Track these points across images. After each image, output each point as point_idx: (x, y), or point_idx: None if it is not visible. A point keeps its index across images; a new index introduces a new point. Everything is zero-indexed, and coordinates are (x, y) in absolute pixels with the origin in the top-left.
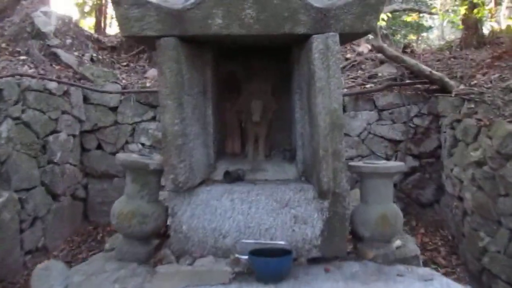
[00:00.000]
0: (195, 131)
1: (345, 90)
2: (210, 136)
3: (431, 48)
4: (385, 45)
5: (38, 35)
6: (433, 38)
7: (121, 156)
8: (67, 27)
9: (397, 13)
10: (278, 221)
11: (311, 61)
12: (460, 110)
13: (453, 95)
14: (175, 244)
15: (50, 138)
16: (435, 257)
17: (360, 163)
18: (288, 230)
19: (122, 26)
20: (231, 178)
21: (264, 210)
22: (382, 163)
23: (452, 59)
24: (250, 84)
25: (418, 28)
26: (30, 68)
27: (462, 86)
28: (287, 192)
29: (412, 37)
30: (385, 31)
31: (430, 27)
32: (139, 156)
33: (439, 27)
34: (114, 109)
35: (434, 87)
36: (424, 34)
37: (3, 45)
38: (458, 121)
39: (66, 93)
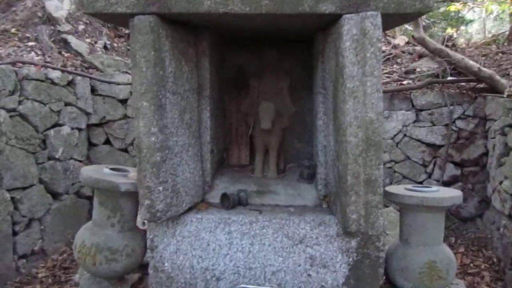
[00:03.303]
0: (182, 142)
1: None
2: (205, 146)
3: (476, 42)
4: (427, 37)
5: (49, 20)
6: (473, 31)
7: (86, 172)
8: (81, 12)
9: (436, 3)
10: (289, 263)
11: (340, 52)
12: None
13: (505, 96)
14: (155, 286)
15: (51, 132)
16: (477, 283)
17: (400, 189)
18: (302, 275)
19: (83, 0)
20: (230, 203)
21: (271, 247)
22: (432, 191)
23: (500, 54)
24: (260, 81)
25: (458, 20)
26: (37, 55)
27: None
28: (303, 225)
29: (451, 30)
30: (426, 21)
31: (471, 20)
32: (111, 172)
33: (481, 20)
34: (124, 102)
35: (482, 85)
36: (463, 27)
37: (13, 30)
38: (511, 126)
39: (71, 83)
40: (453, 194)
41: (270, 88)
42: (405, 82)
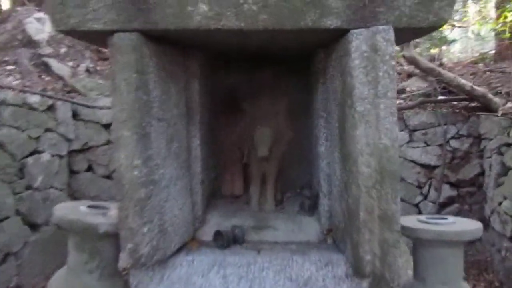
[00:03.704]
0: (170, 174)
1: None
2: (196, 178)
3: (461, 62)
4: (418, 56)
5: (29, 43)
6: (455, 51)
7: (59, 212)
8: (63, 35)
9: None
10: None
11: (348, 71)
12: (509, 132)
13: (499, 114)
14: None
15: (29, 160)
16: None
17: (413, 221)
18: None
19: (55, 16)
20: (225, 241)
21: None
22: (449, 224)
23: (488, 73)
24: (254, 104)
25: (441, 40)
26: (16, 79)
27: (510, 104)
28: (307, 266)
29: (433, 50)
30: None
31: (454, 40)
32: (88, 210)
33: (463, 39)
34: (107, 126)
35: (474, 104)
36: (445, 47)
37: None
38: (508, 145)
39: (51, 108)
40: (473, 226)
41: (266, 111)
42: (396, 102)
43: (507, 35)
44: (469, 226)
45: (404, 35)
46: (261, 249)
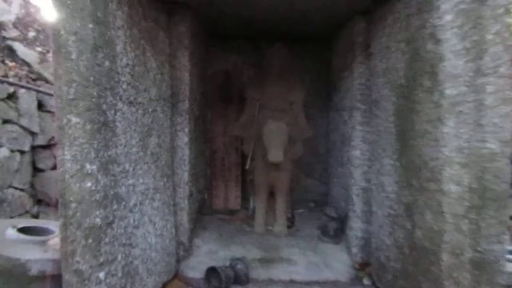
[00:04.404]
0: (144, 186)
1: None
2: (181, 188)
3: None
4: None
5: None
6: None
7: None
8: (32, 18)
9: None
10: None
11: (429, 34)
12: None
13: None
14: None
15: None
16: None
17: None
18: None
19: None
20: (222, 283)
21: None
22: None
23: None
24: (263, 90)
25: None
26: None
27: None
28: None
29: None
30: None
31: None
32: (19, 236)
33: None
34: None
35: None
36: None
37: None
38: None
39: (12, 97)
40: None
41: (278, 101)
42: None
43: None
44: None
45: None
46: None
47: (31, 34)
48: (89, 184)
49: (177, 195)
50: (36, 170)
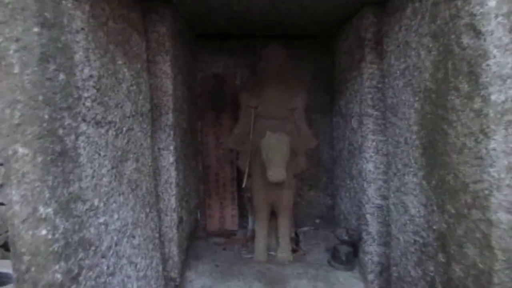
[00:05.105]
0: (120, 223)
1: None
2: (168, 217)
3: None
4: None
5: None
6: None
7: None
8: None
9: None
10: None
11: (467, 25)
12: None
13: None
14: None
15: None
16: None
17: None
18: None
19: None
20: None
21: None
22: None
23: None
24: (260, 96)
25: None
26: None
27: None
28: None
29: None
30: None
31: None
32: None
33: None
34: None
35: None
36: None
37: None
38: None
39: None
40: None
41: (276, 109)
42: None
43: None
44: None
45: None
46: None
47: None
48: (44, 232)
49: (164, 224)
50: None
